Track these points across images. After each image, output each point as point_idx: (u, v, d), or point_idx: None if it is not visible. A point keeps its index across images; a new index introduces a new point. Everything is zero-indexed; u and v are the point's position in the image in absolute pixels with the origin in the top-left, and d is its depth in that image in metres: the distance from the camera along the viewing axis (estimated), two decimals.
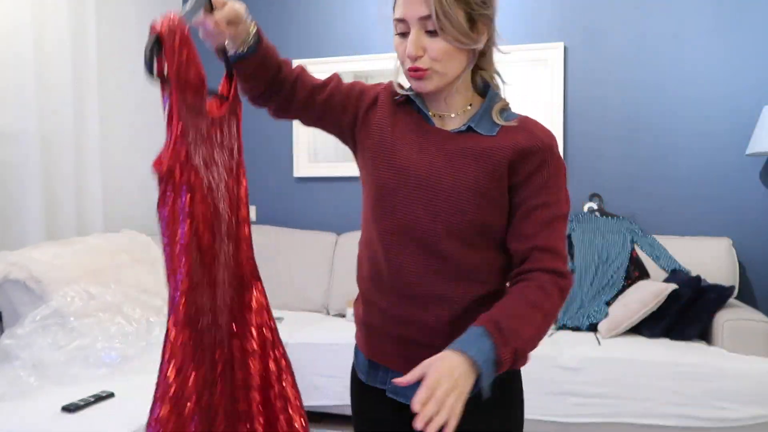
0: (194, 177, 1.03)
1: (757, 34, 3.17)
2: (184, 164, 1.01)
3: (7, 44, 2.58)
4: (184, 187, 1.01)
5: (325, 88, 1.20)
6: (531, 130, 1.09)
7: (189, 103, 1.02)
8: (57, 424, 1.75)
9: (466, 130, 1.12)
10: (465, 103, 1.15)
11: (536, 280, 1.04)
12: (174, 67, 0.98)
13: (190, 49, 1.00)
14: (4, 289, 2.29)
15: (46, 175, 2.74)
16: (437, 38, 1.04)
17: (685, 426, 2.46)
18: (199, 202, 1.04)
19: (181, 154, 1.00)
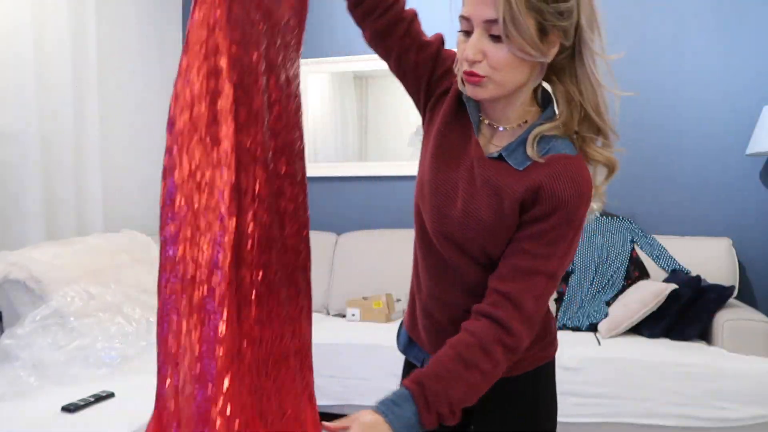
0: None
1: (757, 34, 3.17)
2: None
3: (7, 44, 2.58)
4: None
5: (424, 50, 1.15)
6: (559, 174, 0.99)
7: None
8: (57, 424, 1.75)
9: (497, 157, 1.05)
10: (521, 117, 1.07)
11: (479, 336, 0.98)
12: None
13: None
14: (4, 289, 2.29)
15: (46, 175, 2.74)
16: (501, 45, 0.96)
17: (685, 426, 2.46)
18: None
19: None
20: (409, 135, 3.62)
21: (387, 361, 2.73)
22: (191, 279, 0.94)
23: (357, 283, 3.35)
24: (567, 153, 1.01)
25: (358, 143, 3.76)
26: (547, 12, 0.94)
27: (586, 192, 1.00)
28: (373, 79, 3.70)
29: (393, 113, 3.68)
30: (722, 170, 3.23)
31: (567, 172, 0.99)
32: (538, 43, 0.95)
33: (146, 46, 3.55)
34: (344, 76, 3.70)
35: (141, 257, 2.82)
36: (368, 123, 3.74)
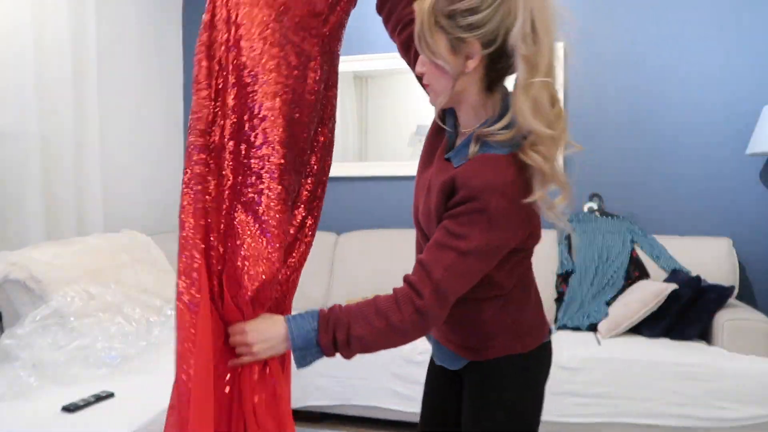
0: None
1: (757, 34, 3.17)
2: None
3: (7, 44, 2.57)
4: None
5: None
6: (475, 168, 1.08)
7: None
8: (57, 424, 1.75)
9: (447, 158, 1.18)
10: (478, 122, 1.14)
11: (396, 293, 1.09)
12: None
13: None
14: (4, 289, 2.29)
15: (46, 175, 2.74)
16: (425, 59, 1.11)
17: (685, 426, 2.46)
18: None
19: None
20: (409, 135, 3.62)
21: (387, 361, 2.73)
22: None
23: (357, 283, 3.35)
24: (497, 153, 1.09)
25: (358, 143, 3.76)
26: (454, 27, 1.04)
27: (497, 186, 1.05)
28: (373, 79, 3.70)
29: (393, 113, 3.68)
30: (722, 170, 3.23)
31: (482, 167, 1.08)
32: (448, 57, 1.06)
33: (146, 46, 3.55)
34: (344, 76, 3.69)
35: (141, 257, 2.82)
36: (368, 123, 3.74)
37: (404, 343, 1.11)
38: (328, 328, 1.08)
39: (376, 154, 3.72)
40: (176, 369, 1.13)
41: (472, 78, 1.09)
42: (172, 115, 3.81)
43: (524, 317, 1.25)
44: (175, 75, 3.83)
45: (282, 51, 1.15)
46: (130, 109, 3.42)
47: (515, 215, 1.07)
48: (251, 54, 1.14)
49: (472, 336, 1.23)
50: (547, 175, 1.06)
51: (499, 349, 1.22)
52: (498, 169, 1.07)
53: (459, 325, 1.23)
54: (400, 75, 3.63)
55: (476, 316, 1.21)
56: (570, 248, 3.22)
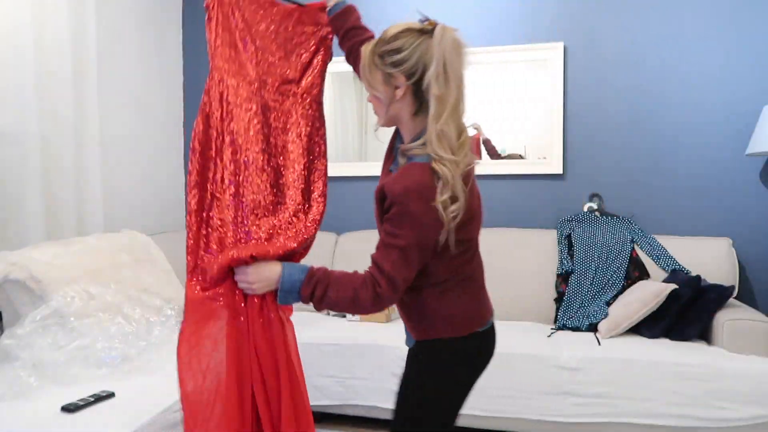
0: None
1: (757, 34, 3.17)
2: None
3: (7, 44, 2.57)
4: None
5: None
6: (396, 178, 1.33)
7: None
8: (57, 424, 1.75)
9: (390, 171, 1.47)
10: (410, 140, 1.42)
11: (365, 275, 1.36)
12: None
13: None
14: (4, 289, 2.29)
15: (46, 175, 2.74)
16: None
17: (685, 426, 2.46)
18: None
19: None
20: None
21: (387, 361, 2.73)
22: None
23: None
24: (417, 162, 1.33)
25: (358, 143, 3.76)
26: (385, 64, 1.35)
27: (413, 190, 1.29)
28: None
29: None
30: (722, 170, 3.23)
31: (401, 176, 1.32)
32: (382, 88, 1.38)
33: (146, 46, 3.55)
34: (344, 76, 3.70)
35: (141, 257, 2.82)
36: (368, 123, 3.74)
37: (362, 313, 1.44)
38: (310, 283, 1.36)
39: (376, 154, 3.72)
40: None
41: (402, 104, 1.38)
42: (172, 114, 3.81)
43: (458, 306, 1.43)
44: (175, 75, 3.83)
45: (263, 116, 1.56)
46: (130, 109, 3.42)
47: (435, 212, 1.29)
48: (240, 123, 1.52)
49: (414, 318, 1.46)
50: (447, 182, 1.29)
51: (432, 332, 1.43)
52: (414, 177, 1.31)
53: (407, 308, 1.47)
54: None
55: (417, 302, 1.43)
56: (570, 248, 3.22)
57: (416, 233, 1.31)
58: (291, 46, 1.65)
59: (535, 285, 3.19)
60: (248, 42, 1.59)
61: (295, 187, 1.57)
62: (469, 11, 3.52)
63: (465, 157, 1.33)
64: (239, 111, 1.52)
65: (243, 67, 1.57)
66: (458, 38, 1.32)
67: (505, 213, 3.52)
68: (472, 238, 1.43)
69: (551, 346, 2.69)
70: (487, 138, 3.51)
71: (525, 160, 3.48)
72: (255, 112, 1.55)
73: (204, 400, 1.40)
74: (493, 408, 2.63)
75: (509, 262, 3.25)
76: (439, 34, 1.30)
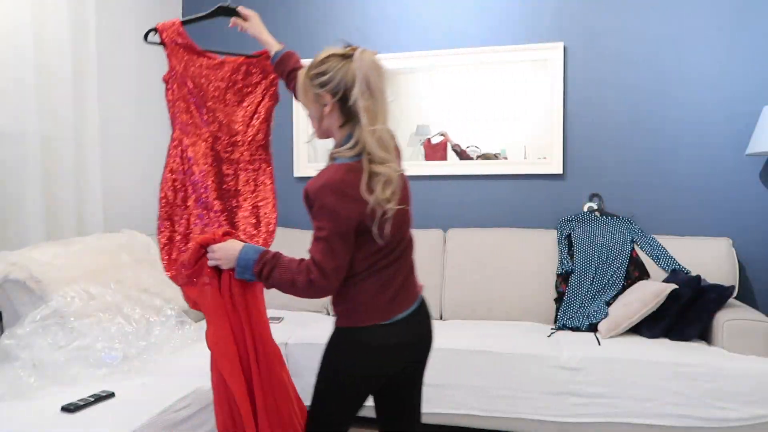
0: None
1: (757, 34, 3.17)
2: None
3: (7, 43, 2.57)
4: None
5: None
6: (314, 179, 1.52)
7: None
8: (57, 424, 1.75)
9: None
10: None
11: (304, 264, 1.53)
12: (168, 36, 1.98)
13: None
14: (4, 289, 2.29)
15: (46, 175, 2.74)
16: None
17: (685, 426, 2.46)
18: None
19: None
20: (410, 135, 3.62)
21: None
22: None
23: None
24: (335, 163, 1.54)
25: None
26: (315, 86, 1.56)
27: (326, 186, 1.49)
28: None
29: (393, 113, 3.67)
30: (722, 170, 3.23)
31: (318, 176, 1.52)
32: (313, 106, 1.60)
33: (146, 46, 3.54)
34: None
35: (141, 257, 2.82)
36: None
37: (300, 296, 1.56)
38: (260, 263, 1.57)
39: None
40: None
41: (330, 119, 1.58)
42: None
43: (365, 298, 1.58)
44: None
45: (218, 167, 1.92)
46: (130, 109, 3.42)
47: (345, 205, 1.48)
48: (200, 175, 1.88)
49: (335, 305, 1.65)
50: (390, 179, 1.50)
51: (342, 319, 1.63)
52: (328, 175, 1.51)
53: (334, 296, 1.64)
54: (400, 75, 3.63)
55: (339, 291, 1.60)
56: (570, 248, 3.22)
57: (334, 224, 1.49)
58: (240, 96, 2.00)
59: (535, 285, 3.19)
60: (201, 105, 1.92)
61: (247, 223, 1.92)
62: (469, 11, 3.52)
63: (395, 160, 1.56)
64: (197, 166, 1.87)
65: (198, 128, 1.91)
66: (376, 59, 1.53)
67: (505, 213, 3.52)
68: (394, 234, 1.57)
69: (551, 346, 2.69)
70: (456, 143, 3.55)
71: (525, 160, 3.48)
72: (210, 164, 1.90)
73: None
74: (493, 408, 2.63)
75: (509, 262, 3.25)
76: (357, 57, 1.50)
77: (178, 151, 1.88)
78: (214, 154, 1.92)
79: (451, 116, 3.56)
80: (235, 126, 1.97)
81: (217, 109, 1.94)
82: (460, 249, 3.38)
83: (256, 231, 1.92)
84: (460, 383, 2.66)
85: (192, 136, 1.89)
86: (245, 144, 1.97)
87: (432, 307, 3.34)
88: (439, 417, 2.70)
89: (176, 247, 1.87)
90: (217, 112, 1.94)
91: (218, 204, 1.87)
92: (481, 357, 2.65)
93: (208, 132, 1.92)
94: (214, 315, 1.68)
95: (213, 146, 1.92)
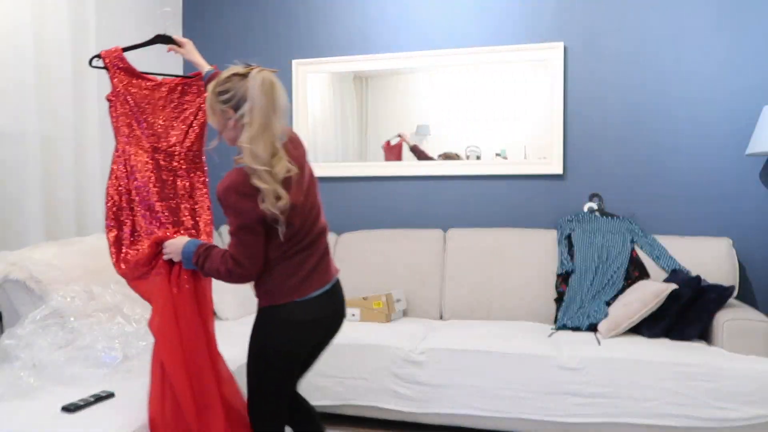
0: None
1: (757, 34, 3.17)
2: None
3: (7, 44, 2.57)
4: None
5: None
6: (219, 183, 1.72)
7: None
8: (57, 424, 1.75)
9: None
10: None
11: (226, 255, 1.77)
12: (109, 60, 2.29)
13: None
14: (4, 289, 2.29)
15: (46, 175, 2.74)
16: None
17: (685, 426, 2.46)
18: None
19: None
20: (410, 135, 3.62)
21: (387, 361, 2.73)
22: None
23: (357, 283, 3.35)
24: (234, 168, 1.73)
25: (358, 143, 3.76)
26: (219, 102, 1.75)
27: (227, 187, 1.70)
28: (373, 79, 3.71)
29: (393, 113, 3.69)
30: (722, 170, 3.23)
31: (221, 180, 1.73)
32: (219, 119, 1.78)
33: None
34: (344, 76, 3.70)
35: None
36: (368, 123, 3.74)
37: (226, 282, 1.79)
38: (196, 254, 1.82)
39: (376, 154, 3.72)
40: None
41: (234, 131, 1.76)
42: None
43: (279, 280, 1.79)
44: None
45: (158, 174, 2.16)
46: None
47: (245, 203, 1.69)
48: (142, 181, 2.12)
49: (256, 288, 1.85)
50: (268, 191, 1.67)
51: (263, 300, 1.84)
52: (228, 178, 1.72)
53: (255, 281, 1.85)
54: (400, 75, 3.63)
55: (258, 276, 1.81)
56: (570, 248, 3.22)
57: (238, 218, 1.71)
58: (177, 112, 2.27)
59: (535, 285, 3.19)
60: (141, 120, 2.19)
61: (187, 223, 2.17)
62: (469, 11, 3.52)
63: (281, 168, 1.70)
64: (140, 173, 2.11)
65: (139, 140, 2.17)
66: (270, 77, 1.71)
67: (505, 213, 3.52)
68: (295, 225, 1.76)
69: (551, 346, 2.69)
70: (415, 144, 3.61)
71: (525, 160, 3.48)
72: (151, 171, 2.14)
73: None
74: (493, 408, 2.63)
75: (509, 262, 3.25)
76: (252, 76, 1.69)
77: (122, 161, 2.14)
78: (154, 162, 2.17)
79: (451, 116, 3.56)
80: (172, 138, 2.23)
81: (156, 123, 2.23)
82: (460, 249, 3.38)
83: (195, 231, 2.19)
84: (460, 383, 2.66)
85: (134, 147, 2.16)
86: (182, 154, 2.23)
87: (432, 307, 3.34)
88: (439, 417, 2.70)
89: (124, 245, 2.10)
90: (156, 126, 2.23)
91: (159, 205, 2.12)
92: (481, 357, 2.65)
93: (149, 143, 2.18)
94: (162, 305, 1.89)
95: (153, 156, 2.18)
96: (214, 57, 2.59)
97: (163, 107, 2.27)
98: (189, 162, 2.24)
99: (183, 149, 2.24)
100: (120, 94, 2.22)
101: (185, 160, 2.23)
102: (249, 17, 3.85)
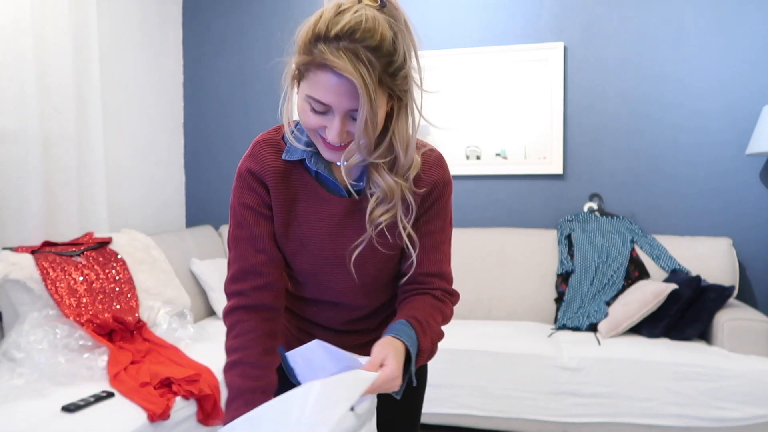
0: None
1: (757, 33, 3.17)
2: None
3: (7, 43, 2.57)
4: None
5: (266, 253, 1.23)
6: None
7: None
8: (57, 424, 1.75)
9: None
10: None
11: (435, 301, 1.34)
12: None
13: None
14: (4, 289, 2.29)
15: (47, 174, 2.74)
16: (359, 119, 1.06)
17: (685, 426, 2.46)
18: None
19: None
20: None
21: None
22: None
23: None
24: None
25: None
26: (395, 84, 1.11)
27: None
28: None
29: None
30: (722, 170, 3.23)
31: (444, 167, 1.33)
32: (385, 110, 1.12)
33: (148, 46, 3.55)
34: None
35: (141, 257, 2.82)
36: None
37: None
38: (425, 333, 1.21)
39: None
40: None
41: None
42: (173, 114, 3.80)
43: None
44: (176, 74, 3.83)
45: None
46: (131, 109, 3.42)
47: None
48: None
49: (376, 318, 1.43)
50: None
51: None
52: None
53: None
54: None
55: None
56: (570, 248, 3.22)
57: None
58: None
59: (535, 285, 3.19)
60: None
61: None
62: (470, 11, 3.52)
63: None
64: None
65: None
66: None
67: (505, 213, 3.52)
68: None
69: (551, 346, 2.69)
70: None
71: (525, 160, 3.48)
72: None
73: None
74: (493, 408, 2.63)
75: (509, 262, 3.25)
76: None
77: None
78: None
79: (451, 116, 3.56)
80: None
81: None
82: (460, 249, 3.37)
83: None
84: (460, 383, 2.66)
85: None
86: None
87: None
88: (439, 417, 2.70)
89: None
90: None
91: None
92: (481, 357, 2.65)
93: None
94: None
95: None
96: (214, 57, 2.52)
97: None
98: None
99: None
100: None
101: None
102: (249, 17, 3.85)
